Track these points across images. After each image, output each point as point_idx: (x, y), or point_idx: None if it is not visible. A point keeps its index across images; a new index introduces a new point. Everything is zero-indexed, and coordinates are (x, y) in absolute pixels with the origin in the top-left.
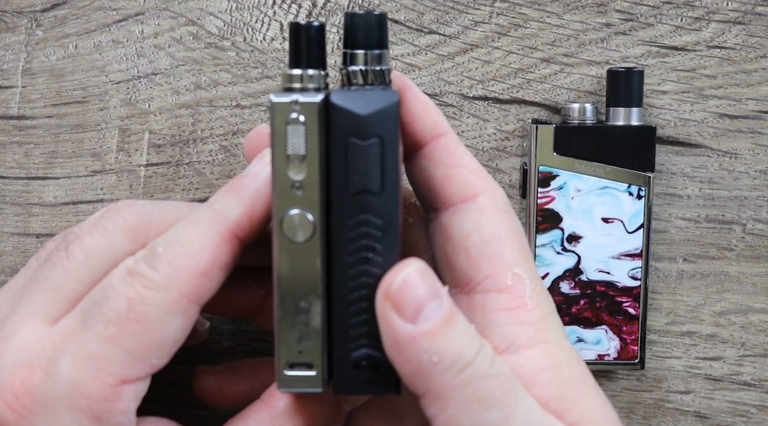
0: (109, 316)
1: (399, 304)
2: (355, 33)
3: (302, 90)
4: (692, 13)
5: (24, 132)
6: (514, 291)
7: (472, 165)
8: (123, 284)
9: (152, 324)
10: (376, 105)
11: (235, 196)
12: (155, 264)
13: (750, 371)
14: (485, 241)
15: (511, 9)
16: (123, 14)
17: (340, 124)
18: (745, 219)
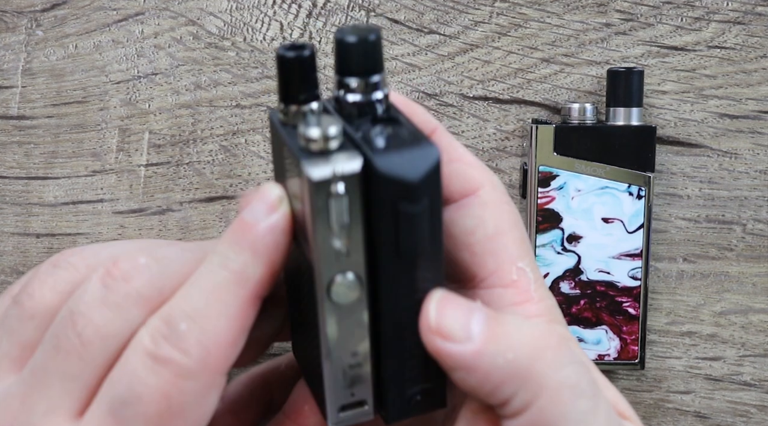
0: (149, 417)
1: (446, 331)
2: (349, 60)
3: (326, 152)
4: (692, 13)
5: (24, 132)
6: (519, 285)
7: (468, 157)
8: (152, 375)
9: (194, 411)
10: (423, 166)
11: (253, 253)
12: (183, 345)
13: (750, 371)
14: (489, 236)
15: (511, 9)
16: (123, 14)
17: (389, 192)
18: (745, 219)
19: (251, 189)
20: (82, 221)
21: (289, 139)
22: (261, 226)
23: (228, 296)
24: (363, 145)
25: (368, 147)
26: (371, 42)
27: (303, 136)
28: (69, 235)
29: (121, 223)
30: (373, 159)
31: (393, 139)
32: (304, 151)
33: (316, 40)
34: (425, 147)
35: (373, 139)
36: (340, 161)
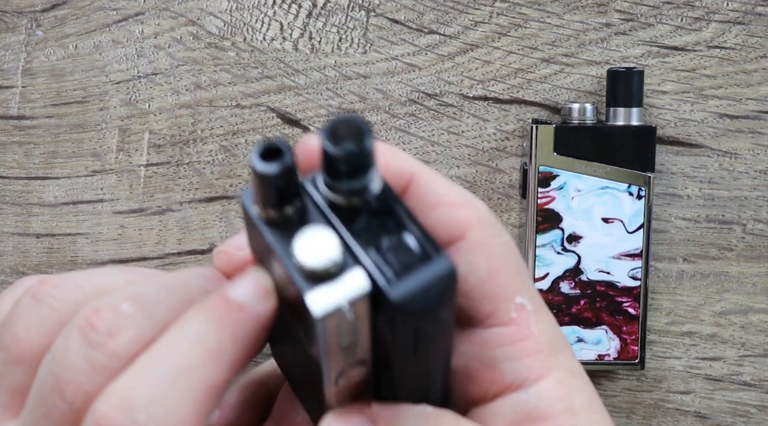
0: None
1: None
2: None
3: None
4: (692, 13)
5: (24, 132)
6: (518, 322)
7: (450, 197)
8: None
9: None
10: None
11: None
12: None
13: (750, 371)
14: (483, 279)
15: (511, 9)
16: (123, 14)
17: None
18: (745, 219)
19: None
20: (82, 221)
21: (278, 249)
22: (249, 311)
23: (191, 381)
24: (370, 269)
25: (377, 271)
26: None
27: (302, 267)
28: (69, 235)
29: (121, 223)
30: (388, 293)
31: (400, 256)
32: (300, 271)
33: (316, 40)
34: (437, 262)
35: (380, 263)
36: (346, 287)
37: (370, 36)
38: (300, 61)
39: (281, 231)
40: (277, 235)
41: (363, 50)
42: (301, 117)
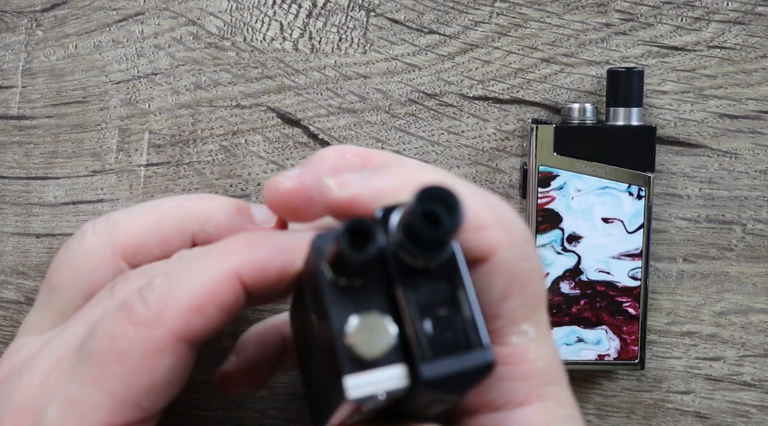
0: (93, 356)
1: None
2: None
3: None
4: (692, 13)
5: (24, 132)
6: (517, 346)
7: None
8: (110, 318)
9: (136, 364)
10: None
11: (251, 244)
12: (146, 295)
13: (750, 371)
14: (493, 302)
15: (511, 9)
16: (123, 14)
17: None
18: (745, 219)
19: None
20: (82, 221)
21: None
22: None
23: (207, 262)
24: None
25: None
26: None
27: (352, 348)
28: (69, 235)
29: None
30: (421, 370)
31: (445, 333)
32: (347, 353)
33: (316, 40)
34: (478, 353)
35: (422, 334)
36: (386, 380)
37: (370, 36)
38: (300, 61)
39: (341, 294)
40: (337, 297)
41: (363, 50)
42: (301, 117)
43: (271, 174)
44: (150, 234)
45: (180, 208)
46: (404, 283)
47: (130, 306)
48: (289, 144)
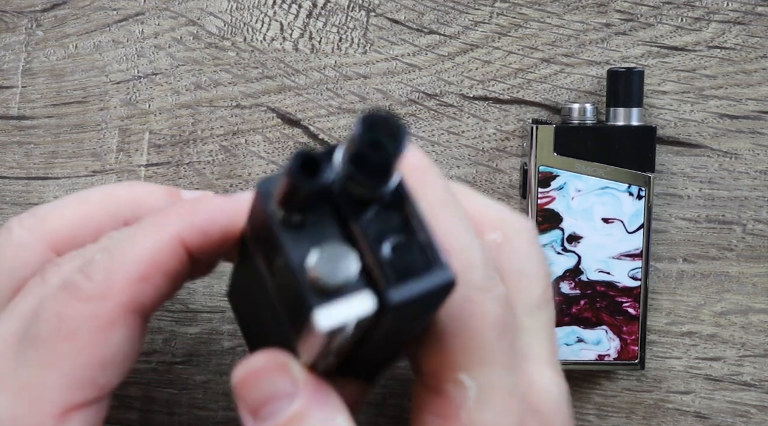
0: (40, 338)
1: (242, 396)
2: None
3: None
4: (692, 13)
5: (24, 132)
6: (450, 397)
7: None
8: (53, 299)
9: (87, 340)
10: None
11: (191, 208)
12: (89, 270)
13: (750, 371)
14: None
15: (511, 9)
16: (123, 14)
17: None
18: (745, 219)
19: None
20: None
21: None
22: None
23: (147, 230)
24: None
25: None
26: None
27: (316, 279)
28: None
29: None
30: (388, 296)
31: (404, 258)
32: (312, 287)
33: (316, 40)
34: (438, 272)
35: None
36: (354, 307)
37: (370, 36)
38: (300, 61)
39: (295, 232)
40: (291, 236)
41: (363, 50)
42: (301, 117)
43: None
44: (81, 224)
45: (110, 196)
46: (357, 216)
47: (74, 284)
48: (289, 144)
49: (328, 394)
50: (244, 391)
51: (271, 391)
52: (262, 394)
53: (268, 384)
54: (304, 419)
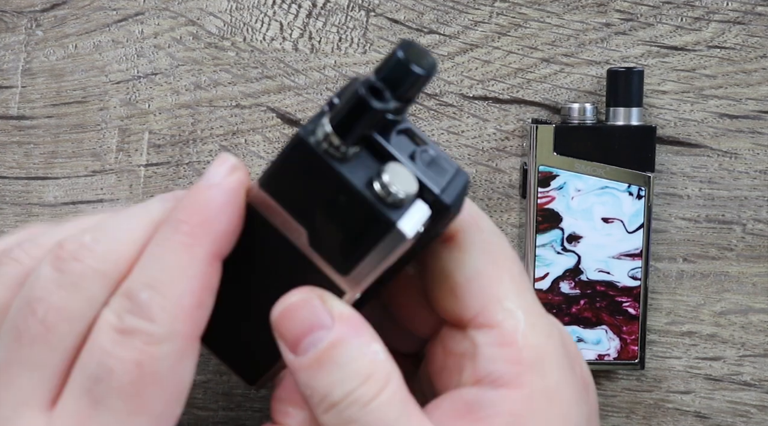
0: (123, 389)
1: (282, 332)
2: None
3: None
4: (692, 13)
5: (24, 132)
6: (504, 327)
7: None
8: (121, 348)
9: (169, 378)
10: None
11: (204, 214)
12: (148, 313)
13: (750, 371)
14: (470, 278)
15: (511, 9)
16: (123, 14)
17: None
18: (745, 219)
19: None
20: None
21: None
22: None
23: (183, 258)
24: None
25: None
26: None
27: (385, 197)
28: None
29: None
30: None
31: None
32: (381, 201)
33: (316, 40)
34: (460, 174)
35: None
36: (418, 212)
37: (370, 36)
38: (300, 61)
39: (347, 165)
40: (347, 168)
41: (363, 50)
42: (301, 117)
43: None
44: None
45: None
46: (389, 139)
47: (134, 330)
48: None
49: (362, 323)
50: (283, 326)
51: (309, 323)
52: (301, 326)
53: (306, 316)
54: (343, 346)
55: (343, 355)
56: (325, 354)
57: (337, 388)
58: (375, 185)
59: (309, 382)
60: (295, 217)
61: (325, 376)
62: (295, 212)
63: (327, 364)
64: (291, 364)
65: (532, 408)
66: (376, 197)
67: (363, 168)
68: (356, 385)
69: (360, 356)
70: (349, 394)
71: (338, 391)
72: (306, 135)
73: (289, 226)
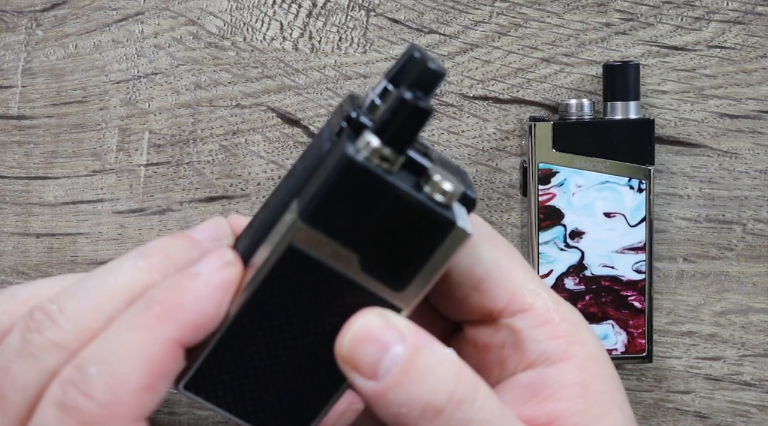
0: None
1: (356, 363)
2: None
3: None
4: (692, 13)
5: (24, 132)
6: (537, 307)
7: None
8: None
9: None
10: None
11: (180, 301)
12: (90, 390)
13: (750, 371)
14: (490, 270)
15: (511, 9)
16: (123, 14)
17: None
18: (745, 219)
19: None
20: (82, 221)
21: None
22: (201, 278)
23: (144, 338)
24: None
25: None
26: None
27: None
28: (69, 235)
29: (121, 223)
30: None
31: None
32: (435, 203)
33: (316, 40)
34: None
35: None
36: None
37: (370, 36)
38: (300, 61)
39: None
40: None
41: (363, 50)
42: (301, 117)
43: (271, 174)
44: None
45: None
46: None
47: (74, 408)
48: (289, 144)
49: (424, 332)
50: (356, 356)
51: (383, 344)
52: (375, 349)
53: (378, 338)
54: (423, 354)
55: (427, 362)
56: (410, 365)
57: (438, 392)
58: (425, 189)
59: (402, 398)
60: (344, 245)
61: (419, 385)
62: (345, 239)
63: (416, 375)
64: (374, 392)
65: (588, 373)
66: (430, 200)
67: (401, 177)
68: (454, 385)
69: (442, 358)
70: (453, 395)
71: (440, 395)
72: (354, 154)
73: (339, 254)
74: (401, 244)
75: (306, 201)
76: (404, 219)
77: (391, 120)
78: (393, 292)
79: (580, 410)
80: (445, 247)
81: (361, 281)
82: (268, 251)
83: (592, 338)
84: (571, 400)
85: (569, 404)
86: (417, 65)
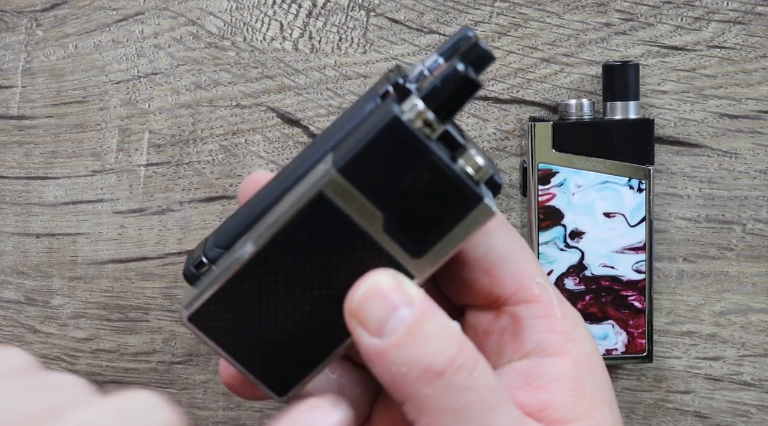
0: None
1: (363, 318)
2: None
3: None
4: (692, 13)
5: (24, 132)
6: (542, 300)
7: None
8: None
9: None
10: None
11: None
12: None
13: (750, 371)
14: (503, 257)
15: (511, 9)
16: (123, 14)
17: None
18: (745, 219)
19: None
20: (82, 221)
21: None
22: None
23: None
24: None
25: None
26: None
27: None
28: (69, 235)
29: (121, 223)
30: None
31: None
32: (471, 179)
33: (316, 40)
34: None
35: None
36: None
37: (370, 36)
38: (300, 61)
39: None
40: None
41: (363, 50)
42: (301, 117)
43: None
44: None
45: None
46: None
47: None
48: (289, 144)
49: (433, 301)
50: (365, 311)
51: (393, 303)
52: (384, 307)
53: (389, 296)
54: (430, 319)
55: (433, 328)
56: (416, 327)
57: (440, 356)
58: (460, 161)
59: (404, 358)
60: (373, 202)
61: (423, 348)
62: (375, 196)
63: (420, 337)
64: (376, 349)
65: (582, 370)
66: (463, 172)
67: (438, 147)
68: (456, 352)
69: (447, 327)
70: (454, 361)
71: (442, 359)
72: (399, 114)
73: (365, 211)
74: (427, 212)
75: (344, 152)
76: (435, 186)
77: (440, 88)
78: (410, 258)
79: (571, 403)
80: (468, 221)
81: (380, 241)
82: (296, 197)
83: (589, 340)
84: (563, 392)
85: (560, 396)
86: (469, 44)
